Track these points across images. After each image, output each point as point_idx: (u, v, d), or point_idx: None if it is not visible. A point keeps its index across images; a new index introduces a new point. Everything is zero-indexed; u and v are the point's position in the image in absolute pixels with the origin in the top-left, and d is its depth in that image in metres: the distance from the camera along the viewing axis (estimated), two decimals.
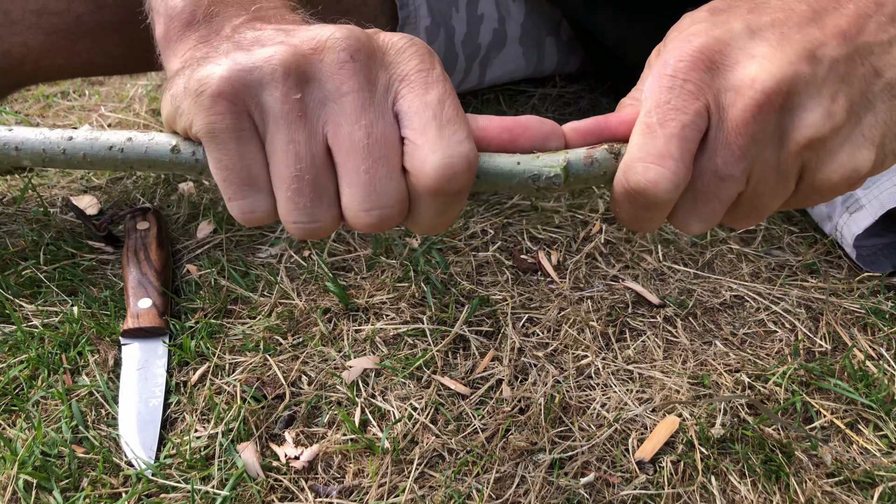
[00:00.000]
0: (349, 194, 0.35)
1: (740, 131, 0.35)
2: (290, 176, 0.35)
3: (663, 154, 0.35)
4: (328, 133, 0.35)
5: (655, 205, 0.36)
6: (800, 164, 0.37)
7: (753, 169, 0.36)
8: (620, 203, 0.37)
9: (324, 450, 0.55)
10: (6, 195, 0.87)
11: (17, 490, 0.52)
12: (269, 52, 0.35)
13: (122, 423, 0.57)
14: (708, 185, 0.36)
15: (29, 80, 0.76)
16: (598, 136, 0.38)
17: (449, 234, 0.77)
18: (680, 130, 0.35)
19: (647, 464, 0.54)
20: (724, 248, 0.76)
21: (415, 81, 0.35)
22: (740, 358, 0.63)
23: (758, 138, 0.35)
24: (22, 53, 0.71)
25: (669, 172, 0.35)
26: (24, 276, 0.72)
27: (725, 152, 0.35)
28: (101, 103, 1.12)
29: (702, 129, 0.35)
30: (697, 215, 0.37)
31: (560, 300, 0.69)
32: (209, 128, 0.35)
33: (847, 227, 0.71)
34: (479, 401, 0.59)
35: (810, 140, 0.35)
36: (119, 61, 0.76)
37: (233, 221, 0.80)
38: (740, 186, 0.37)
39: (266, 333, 0.65)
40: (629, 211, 0.37)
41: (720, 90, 0.35)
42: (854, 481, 0.53)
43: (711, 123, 0.36)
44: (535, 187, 0.37)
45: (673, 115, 0.35)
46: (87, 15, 0.71)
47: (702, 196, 0.37)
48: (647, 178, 0.35)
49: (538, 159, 0.37)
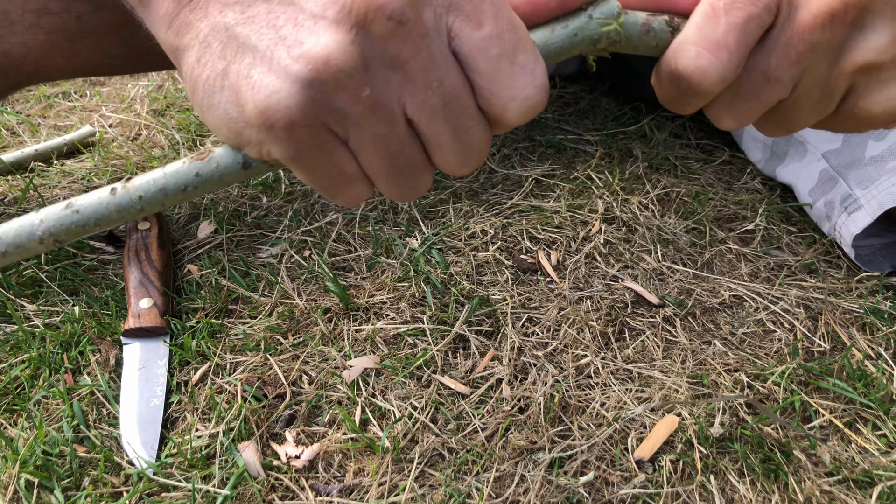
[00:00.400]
0: (442, 156, 0.34)
1: (804, 36, 0.33)
2: (384, 167, 0.34)
3: (720, 43, 0.33)
4: (406, 109, 0.32)
5: (697, 93, 0.35)
6: (848, 86, 0.36)
7: (802, 78, 0.35)
8: (664, 80, 0.36)
9: (324, 449, 0.55)
10: (7, 195, 0.87)
11: (19, 489, 0.52)
12: (319, 50, 0.30)
13: (123, 423, 0.57)
14: (754, 84, 0.35)
15: (29, 80, 0.76)
16: (658, 5, 0.36)
17: (449, 235, 0.78)
18: (744, 22, 0.33)
19: (646, 463, 0.54)
20: (723, 248, 0.76)
21: (464, 9, 0.31)
22: (739, 357, 0.63)
23: (819, 48, 0.34)
24: (22, 54, 0.71)
25: (720, 64, 0.33)
26: (25, 276, 0.72)
27: (781, 55, 0.34)
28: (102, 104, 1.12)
29: (766, 25, 0.34)
30: (734, 112, 0.36)
31: (560, 300, 0.69)
32: (292, 156, 0.32)
33: (846, 227, 0.71)
34: (478, 400, 0.60)
35: (869, 63, 0.34)
36: (119, 62, 0.76)
37: (233, 221, 0.81)
38: (784, 93, 0.35)
39: (267, 333, 0.66)
40: (669, 90, 0.36)
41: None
42: (853, 480, 0.53)
43: (777, 21, 0.34)
44: (597, 49, 0.35)
45: (742, 3, 0.33)
46: (86, 15, 0.70)
47: (744, 93, 0.35)
48: (697, 65, 0.34)
49: (591, 22, 0.34)
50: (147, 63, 0.78)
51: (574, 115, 1.01)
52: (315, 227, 0.79)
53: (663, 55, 0.36)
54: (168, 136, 1.01)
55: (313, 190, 0.87)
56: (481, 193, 0.85)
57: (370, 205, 0.83)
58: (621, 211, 0.80)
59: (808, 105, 0.36)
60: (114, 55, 0.75)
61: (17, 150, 0.95)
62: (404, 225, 0.79)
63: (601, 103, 1.04)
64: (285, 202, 0.84)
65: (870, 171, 0.71)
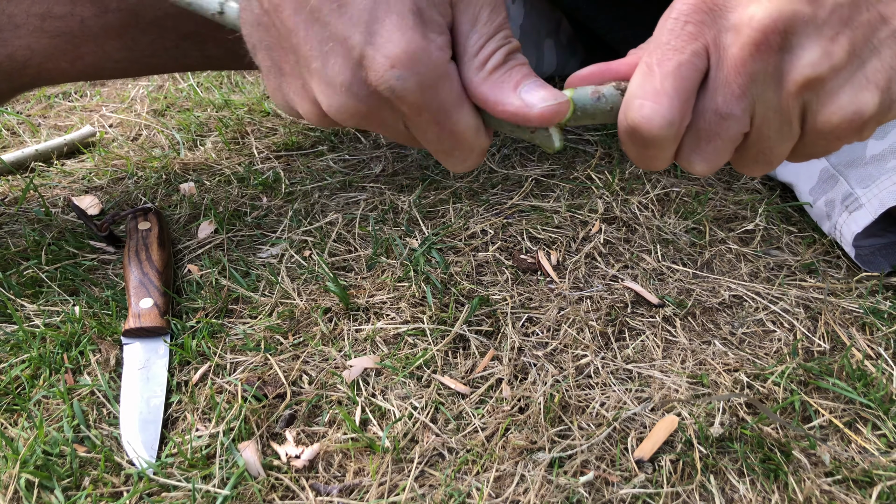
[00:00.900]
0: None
1: (739, 70, 0.36)
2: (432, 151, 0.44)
3: (658, 91, 0.36)
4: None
5: (652, 142, 0.37)
6: (801, 106, 0.37)
7: (756, 110, 0.37)
8: (624, 140, 0.39)
9: (324, 449, 0.55)
10: (8, 195, 0.87)
11: (19, 489, 0.52)
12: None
13: (123, 423, 0.57)
14: (710, 124, 0.37)
15: (33, 83, 0.76)
16: (601, 78, 0.40)
17: (449, 235, 0.78)
18: (675, 68, 0.36)
19: (646, 463, 0.54)
20: (722, 248, 0.76)
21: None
22: (739, 357, 0.63)
23: (757, 77, 0.36)
24: (26, 57, 0.72)
25: (663, 109, 0.36)
26: (25, 276, 0.72)
27: (725, 91, 0.36)
28: (102, 104, 1.13)
29: (700, 69, 0.37)
30: (701, 154, 0.39)
31: (559, 300, 0.69)
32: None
33: (846, 226, 0.71)
34: (478, 400, 0.60)
35: (808, 79, 0.36)
36: (122, 65, 0.76)
37: (233, 221, 0.81)
38: (743, 126, 0.38)
39: (267, 333, 0.66)
40: (632, 148, 0.39)
41: (720, 31, 0.36)
42: (852, 480, 0.53)
43: (711, 63, 0.37)
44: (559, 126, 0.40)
45: (671, 55, 0.36)
46: (90, 19, 0.71)
47: (704, 135, 0.38)
48: (642, 115, 0.36)
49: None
50: (149, 66, 0.78)
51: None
52: (315, 227, 0.79)
53: (618, 117, 0.39)
54: (168, 136, 1.01)
55: (313, 190, 0.87)
56: (481, 193, 0.85)
57: (370, 205, 0.83)
58: (621, 211, 0.80)
59: (773, 133, 0.38)
60: (117, 59, 0.75)
61: (17, 150, 0.95)
62: (404, 225, 0.79)
63: None
64: (285, 202, 0.84)
65: (871, 170, 0.71)
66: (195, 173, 0.91)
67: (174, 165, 0.93)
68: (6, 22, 0.70)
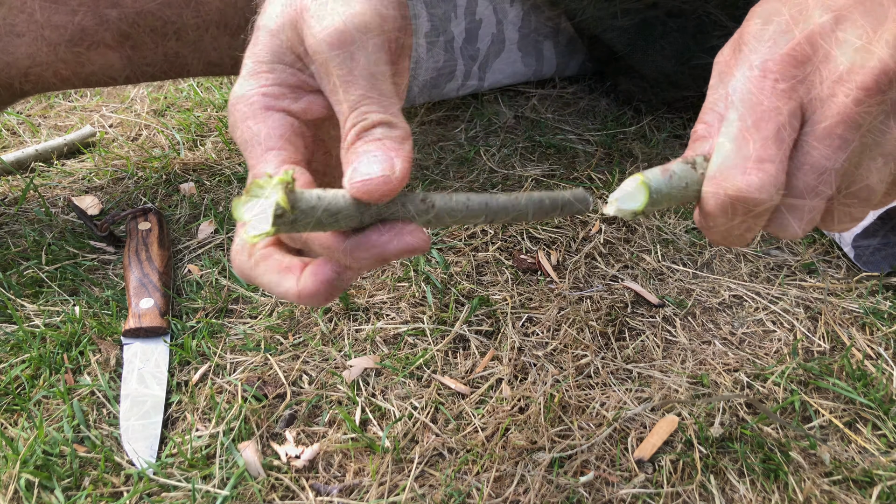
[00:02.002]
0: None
1: (842, 120, 0.34)
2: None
3: (762, 157, 0.34)
4: None
5: (756, 211, 0.35)
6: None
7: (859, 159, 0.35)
8: (714, 216, 0.36)
9: (324, 449, 0.55)
10: (8, 195, 0.87)
11: (19, 489, 0.52)
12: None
13: (123, 423, 0.57)
14: (807, 182, 0.35)
15: (33, 90, 0.78)
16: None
17: (449, 235, 0.78)
18: (776, 132, 0.34)
19: (646, 463, 0.54)
20: (722, 247, 0.76)
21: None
22: (739, 357, 0.63)
23: (861, 125, 0.34)
24: (27, 65, 0.73)
25: (771, 175, 0.34)
26: (25, 276, 0.72)
27: (826, 143, 0.34)
28: (102, 104, 1.13)
29: (797, 128, 0.35)
30: (798, 213, 0.36)
31: (559, 300, 0.69)
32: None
33: None
34: (478, 400, 0.60)
35: None
36: (122, 73, 0.77)
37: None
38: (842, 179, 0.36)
39: (267, 333, 0.66)
40: (725, 223, 0.36)
41: (814, 84, 0.34)
42: (852, 480, 0.53)
43: (807, 119, 0.35)
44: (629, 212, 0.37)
45: (768, 116, 0.34)
46: (91, 28, 0.72)
47: (799, 194, 0.35)
48: (749, 182, 0.34)
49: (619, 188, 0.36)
50: (149, 74, 0.79)
51: (574, 115, 1.01)
52: None
53: (703, 194, 0.36)
54: (168, 136, 1.01)
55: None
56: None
57: None
58: None
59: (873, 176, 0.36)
60: (117, 67, 0.76)
61: (17, 150, 0.95)
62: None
63: (601, 103, 1.04)
64: None
65: None
66: (195, 173, 0.91)
67: (174, 165, 0.93)
68: (8, 30, 0.71)
